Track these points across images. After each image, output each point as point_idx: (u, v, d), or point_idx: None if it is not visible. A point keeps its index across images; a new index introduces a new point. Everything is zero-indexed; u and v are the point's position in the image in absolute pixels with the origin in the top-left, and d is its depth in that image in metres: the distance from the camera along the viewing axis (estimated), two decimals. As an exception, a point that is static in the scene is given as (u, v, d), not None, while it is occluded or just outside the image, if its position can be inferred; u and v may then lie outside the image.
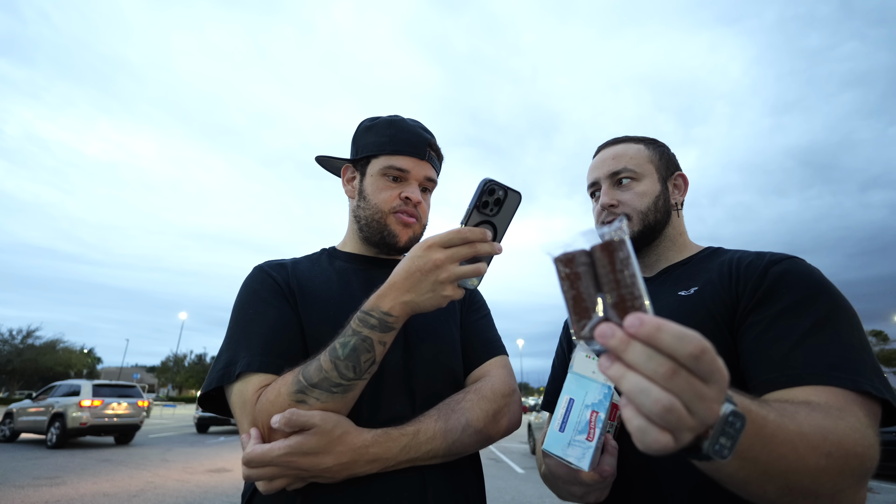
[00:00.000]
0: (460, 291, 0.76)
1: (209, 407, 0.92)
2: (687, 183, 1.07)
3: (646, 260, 1.06)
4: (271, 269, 0.97)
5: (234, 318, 0.91)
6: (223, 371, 0.83)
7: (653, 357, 0.38)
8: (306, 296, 0.94)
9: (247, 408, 0.79)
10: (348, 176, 1.08)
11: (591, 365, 0.78)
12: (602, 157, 1.06)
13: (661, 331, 0.37)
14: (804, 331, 0.73)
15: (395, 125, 1.02)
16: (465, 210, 0.75)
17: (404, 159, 1.00)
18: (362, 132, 1.05)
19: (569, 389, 0.76)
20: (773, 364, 0.73)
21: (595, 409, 0.73)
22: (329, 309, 0.92)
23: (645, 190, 1.00)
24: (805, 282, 0.79)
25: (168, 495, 6.18)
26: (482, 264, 0.75)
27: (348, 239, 1.11)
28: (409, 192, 0.99)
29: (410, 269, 0.74)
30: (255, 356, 0.82)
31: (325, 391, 0.74)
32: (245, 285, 0.96)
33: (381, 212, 0.99)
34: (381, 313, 0.75)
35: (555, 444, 0.73)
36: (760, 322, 0.78)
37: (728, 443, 0.44)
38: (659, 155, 1.05)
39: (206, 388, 0.85)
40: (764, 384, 0.72)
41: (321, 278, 0.99)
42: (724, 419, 0.43)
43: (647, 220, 0.99)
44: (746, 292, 0.82)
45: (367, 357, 0.76)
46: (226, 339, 0.89)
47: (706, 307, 0.85)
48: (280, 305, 0.90)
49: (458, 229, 0.73)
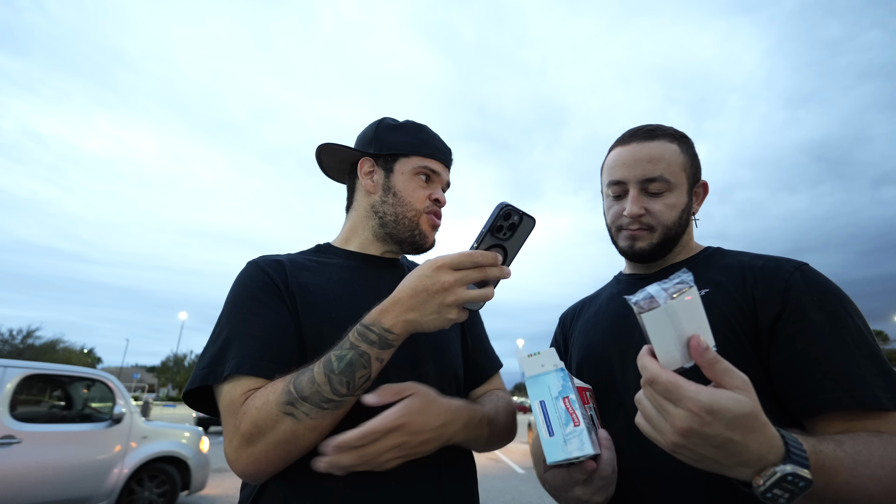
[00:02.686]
0: (465, 314, 0.75)
1: (194, 403, 0.88)
2: (707, 191, 1.03)
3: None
4: (268, 267, 0.92)
5: (225, 316, 0.87)
6: (209, 370, 0.80)
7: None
8: (309, 295, 0.91)
9: (234, 411, 0.76)
10: (367, 169, 1.06)
11: (536, 361, 0.79)
12: (635, 155, 0.95)
13: (640, 359, 0.61)
14: (856, 345, 0.73)
15: (425, 130, 1.08)
16: (478, 232, 0.74)
17: (437, 164, 1.05)
18: (388, 129, 1.06)
19: (534, 395, 0.76)
20: (833, 382, 0.71)
21: (564, 395, 0.74)
22: (333, 309, 0.90)
23: (675, 203, 0.94)
24: (835, 292, 0.80)
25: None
26: (490, 289, 0.74)
27: (352, 235, 1.08)
28: (439, 194, 1.04)
29: (417, 288, 0.72)
30: (246, 358, 0.79)
31: (315, 406, 0.71)
32: (239, 281, 0.91)
33: (416, 210, 1.01)
34: (382, 329, 0.73)
35: (554, 451, 0.71)
36: (802, 332, 0.76)
37: (785, 495, 0.53)
38: (691, 161, 0.98)
39: (190, 386, 0.82)
40: (826, 402, 0.71)
41: (323, 277, 0.97)
42: (783, 477, 0.52)
43: (669, 233, 0.95)
44: (770, 298, 0.81)
45: (363, 373, 0.74)
46: (214, 336, 0.85)
47: (720, 309, 0.83)
48: (276, 307, 0.87)
49: (469, 252, 0.72)
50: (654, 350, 0.59)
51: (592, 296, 1.17)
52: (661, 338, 0.59)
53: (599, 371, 0.97)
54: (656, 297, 0.59)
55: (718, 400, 0.53)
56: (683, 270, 0.63)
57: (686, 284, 0.60)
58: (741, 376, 0.56)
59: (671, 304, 0.58)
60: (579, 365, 1.03)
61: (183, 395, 0.85)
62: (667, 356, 0.59)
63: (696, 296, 0.60)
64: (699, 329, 0.59)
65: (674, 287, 0.60)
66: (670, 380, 0.55)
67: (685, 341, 0.58)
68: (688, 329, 0.59)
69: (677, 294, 0.59)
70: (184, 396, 0.85)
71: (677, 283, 0.61)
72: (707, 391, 0.54)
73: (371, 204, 1.05)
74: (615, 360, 0.94)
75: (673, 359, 0.59)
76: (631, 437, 0.77)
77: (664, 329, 0.59)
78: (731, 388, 0.55)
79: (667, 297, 0.59)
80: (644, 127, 0.99)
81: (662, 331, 0.59)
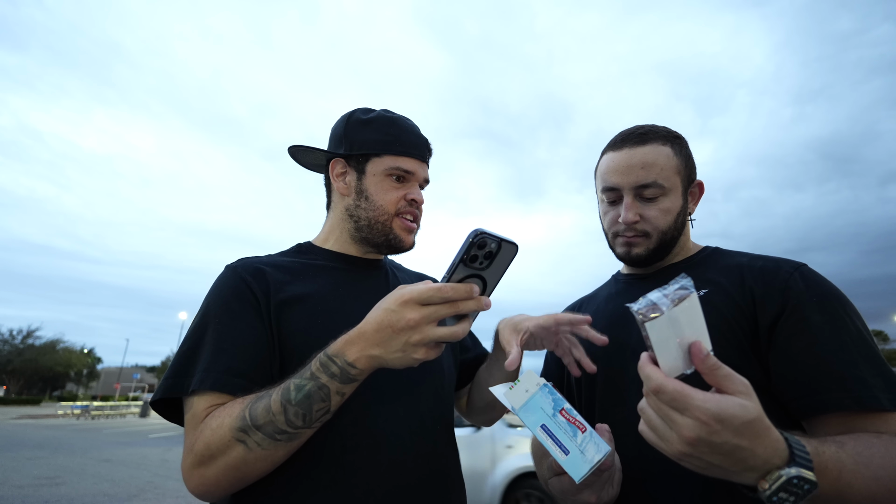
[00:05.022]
0: (435, 352, 0.69)
1: (162, 411, 0.84)
2: (702, 191, 1.03)
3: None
4: (247, 274, 0.88)
5: (196, 325, 0.84)
6: (173, 381, 0.78)
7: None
8: (293, 303, 0.88)
9: (193, 427, 0.75)
10: (338, 171, 1.02)
11: (520, 389, 0.75)
12: (628, 162, 0.94)
13: (642, 368, 0.59)
14: (855, 346, 0.74)
15: (397, 124, 1.00)
16: (450, 263, 0.67)
17: (410, 161, 0.99)
18: (357, 126, 1.00)
19: (533, 422, 0.72)
20: (833, 383, 0.72)
21: (559, 408, 0.73)
22: (318, 318, 0.88)
23: (669, 207, 0.94)
24: (834, 293, 0.80)
25: (168, 495, 6.17)
26: (463, 325, 0.69)
27: (332, 235, 1.05)
28: (415, 193, 1.00)
29: (382, 323, 0.67)
30: (211, 373, 0.76)
31: (268, 436, 0.69)
32: (215, 288, 0.88)
33: (388, 213, 0.98)
34: (346, 363, 0.69)
35: (578, 467, 0.69)
36: (801, 333, 0.77)
37: (791, 498, 0.54)
38: (685, 162, 0.97)
39: (155, 397, 0.80)
40: (826, 402, 0.72)
41: (307, 283, 0.93)
42: (788, 480, 0.53)
43: (665, 238, 0.95)
44: (769, 298, 0.81)
45: (321, 407, 0.70)
46: (183, 346, 0.82)
47: (718, 309, 0.83)
48: (250, 319, 0.83)
49: (438, 286, 0.65)
50: (655, 357, 0.59)
51: (591, 295, 1.17)
52: (663, 345, 0.58)
53: (599, 372, 0.96)
54: (658, 304, 0.59)
55: (726, 408, 0.53)
56: (683, 276, 0.62)
57: (687, 290, 0.60)
58: (742, 381, 0.56)
59: (674, 312, 0.58)
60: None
61: (150, 403, 0.83)
62: (668, 363, 0.59)
63: (696, 301, 0.60)
64: (698, 334, 0.59)
65: (674, 293, 0.60)
66: (677, 389, 0.55)
67: (686, 347, 0.58)
68: (688, 335, 0.59)
69: (679, 301, 0.59)
70: (151, 404, 0.82)
71: (678, 288, 0.60)
72: (714, 399, 0.54)
73: (346, 207, 1.02)
74: (614, 361, 0.94)
75: (674, 366, 0.59)
76: (630, 437, 0.77)
77: (666, 336, 0.58)
78: (733, 394, 0.55)
79: (669, 305, 0.58)
80: (636, 130, 0.97)
81: (665, 338, 0.58)
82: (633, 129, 0.99)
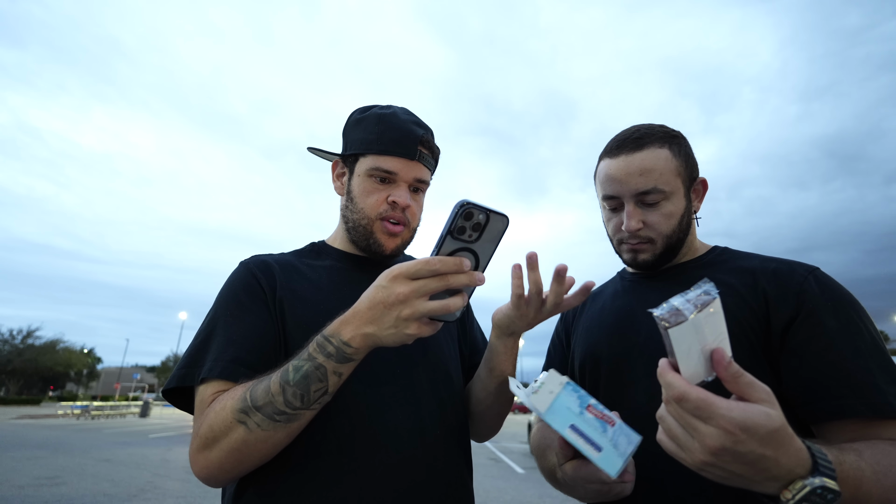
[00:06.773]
0: (429, 328, 0.68)
1: (175, 401, 0.87)
2: (706, 188, 1.01)
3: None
4: (256, 269, 0.92)
5: (208, 318, 0.87)
6: (186, 371, 0.81)
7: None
8: (297, 299, 0.90)
9: (200, 413, 0.77)
10: (338, 171, 1.03)
11: (544, 391, 0.73)
12: (626, 169, 0.92)
13: (662, 375, 0.58)
14: (869, 353, 0.74)
15: (384, 121, 0.95)
16: (438, 236, 0.66)
17: (392, 160, 0.93)
18: (352, 125, 1.00)
19: (562, 423, 0.71)
20: (848, 389, 0.72)
21: (586, 405, 0.72)
22: (320, 314, 0.87)
23: (672, 210, 0.92)
24: (848, 298, 0.80)
25: (168, 495, 6.17)
26: (457, 298, 0.67)
27: (338, 235, 1.06)
28: (397, 195, 0.94)
29: (374, 300, 0.67)
30: (219, 361, 0.79)
31: (267, 417, 0.69)
32: (227, 283, 0.92)
33: (368, 217, 0.95)
34: (341, 342, 0.69)
35: (612, 462, 0.68)
36: (816, 338, 0.76)
37: None
38: (685, 161, 0.95)
39: (167, 386, 0.83)
40: (841, 408, 0.71)
41: (312, 279, 0.95)
42: (812, 490, 0.52)
43: (670, 241, 0.94)
44: (783, 301, 0.81)
45: (319, 387, 0.70)
46: (196, 337, 0.86)
47: (730, 311, 0.82)
48: (258, 311, 0.86)
49: (426, 259, 0.65)
50: (676, 364, 0.57)
51: (596, 291, 1.16)
52: (685, 352, 0.57)
53: (604, 369, 0.96)
54: (682, 310, 0.57)
55: (752, 416, 0.52)
56: (705, 280, 0.61)
57: (710, 296, 0.58)
58: (765, 388, 0.55)
59: (698, 318, 0.56)
60: (582, 362, 1.03)
61: (162, 392, 0.86)
62: (689, 370, 0.57)
63: (719, 307, 0.58)
64: (720, 340, 0.58)
65: (697, 299, 0.58)
66: (701, 397, 0.53)
67: (708, 354, 0.57)
68: (710, 341, 0.57)
69: (702, 306, 0.57)
70: (162, 394, 0.85)
71: (701, 293, 0.59)
72: (739, 407, 0.53)
73: (341, 207, 1.02)
74: (620, 359, 0.93)
75: (696, 373, 0.57)
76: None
77: (689, 343, 0.57)
78: (757, 402, 0.54)
79: (692, 310, 0.57)
80: (632, 134, 0.95)
81: (687, 344, 0.57)
82: (628, 132, 0.96)
